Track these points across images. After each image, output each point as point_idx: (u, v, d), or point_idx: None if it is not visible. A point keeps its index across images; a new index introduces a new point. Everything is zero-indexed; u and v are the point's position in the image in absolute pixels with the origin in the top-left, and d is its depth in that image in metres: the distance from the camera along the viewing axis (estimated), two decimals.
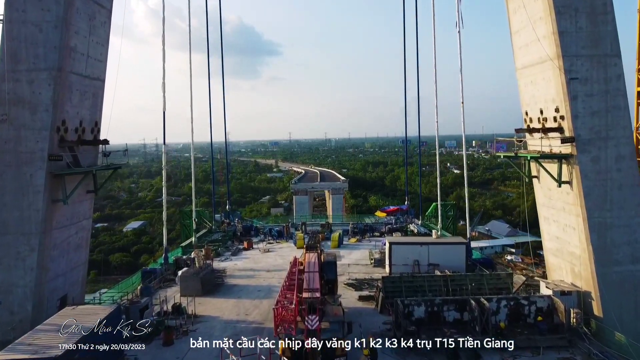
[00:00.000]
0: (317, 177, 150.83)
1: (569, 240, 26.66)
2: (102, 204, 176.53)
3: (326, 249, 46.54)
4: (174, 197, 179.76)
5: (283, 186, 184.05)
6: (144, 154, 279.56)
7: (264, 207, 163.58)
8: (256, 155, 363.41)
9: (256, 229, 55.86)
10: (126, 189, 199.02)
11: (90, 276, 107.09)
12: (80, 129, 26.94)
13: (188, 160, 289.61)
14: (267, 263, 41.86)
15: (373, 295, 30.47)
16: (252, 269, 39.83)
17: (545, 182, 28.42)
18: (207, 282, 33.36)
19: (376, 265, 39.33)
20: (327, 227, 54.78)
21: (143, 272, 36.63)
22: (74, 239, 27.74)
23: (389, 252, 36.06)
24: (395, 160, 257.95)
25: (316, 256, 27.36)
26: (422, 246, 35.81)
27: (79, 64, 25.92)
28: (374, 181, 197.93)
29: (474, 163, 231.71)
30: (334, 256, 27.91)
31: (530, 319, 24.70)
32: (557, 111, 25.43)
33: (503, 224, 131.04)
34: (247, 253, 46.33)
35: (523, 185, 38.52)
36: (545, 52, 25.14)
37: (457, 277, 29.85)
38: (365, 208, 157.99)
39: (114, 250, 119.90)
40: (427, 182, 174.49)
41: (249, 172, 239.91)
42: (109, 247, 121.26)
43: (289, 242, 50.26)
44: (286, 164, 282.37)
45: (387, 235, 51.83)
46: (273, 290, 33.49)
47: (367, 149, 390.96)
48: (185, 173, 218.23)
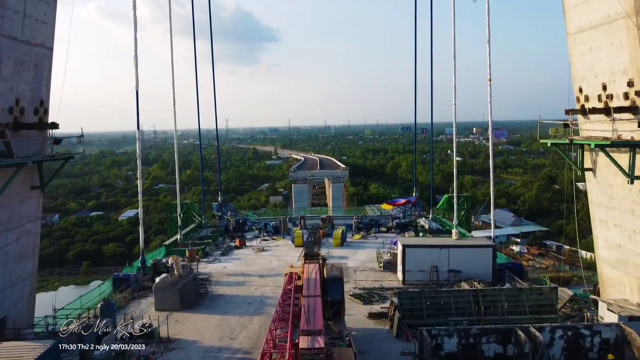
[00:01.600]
0: (316, 165, 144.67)
1: (637, 250, 20.74)
2: (97, 192, 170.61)
3: (328, 248, 40.74)
4: (170, 185, 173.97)
5: (282, 174, 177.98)
6: (142, 140, 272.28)
7: (262, 196, 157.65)
8: (255, 142, 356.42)
9: (251, 224, 49.91)
10: (123, 176, 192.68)
11: (83, 268, 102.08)
12: (17, 109, 20.70)
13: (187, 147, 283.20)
14: (260, 265, 35.98)
15: (386, 312, 24.59)
16: (242, 274, 33.93)
17: (605, 177, 22.35)
18: (187, 294, 27.46)
19: (386, 269, 33.43)
20: (328, 221, 48.84)
21: (114, 280, 30.70)
22: (15, 248, 21.74)
23: (402, 256, 30.18)
24: (396, 147, 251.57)
25: (317, 270, 21.34)
26: (442, 249, 29.93)
27: (10, 24, 19.63)
28: (375, 169, 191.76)
29: (475, 150, 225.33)
30: (339, 270, 21.85)
31: (594, 354, 18.88)
32: (631, 85, 19.28)
33: (508, 212, 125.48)
34: (238, 252, 40.43)
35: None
36: (617, 8, 18.90)
37: (489, 291, 23.98)
38: (366, 196, 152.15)
39: (108, 240, 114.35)
40: (428, 170, 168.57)
41: (248, 160, 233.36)
42: (102, 237, 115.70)
43: (286, 239, 44.38)
44: (285, 151, 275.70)
45: (394, 232, 45.97)
46: (266, 302, 27.65)
47: (366, 136, 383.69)
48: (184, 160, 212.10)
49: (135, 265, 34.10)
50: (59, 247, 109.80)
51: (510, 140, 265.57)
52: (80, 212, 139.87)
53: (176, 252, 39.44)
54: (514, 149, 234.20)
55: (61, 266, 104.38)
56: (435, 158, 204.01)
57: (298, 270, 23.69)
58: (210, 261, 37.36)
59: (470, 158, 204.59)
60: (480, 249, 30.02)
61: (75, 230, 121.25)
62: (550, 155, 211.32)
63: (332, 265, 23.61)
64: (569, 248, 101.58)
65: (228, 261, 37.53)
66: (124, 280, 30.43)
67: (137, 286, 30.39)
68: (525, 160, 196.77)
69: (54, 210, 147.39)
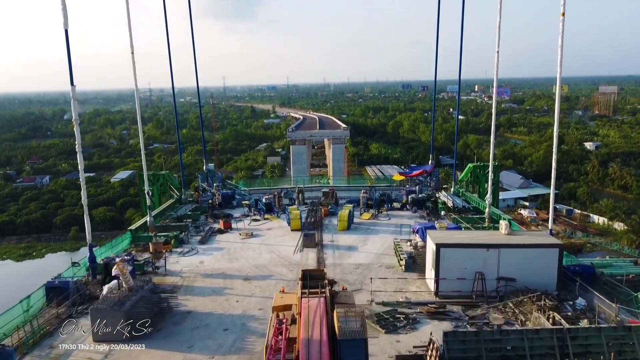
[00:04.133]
0: (315, 124, 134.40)
1: None
2: (90, 152, 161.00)
3: (331, 233, 32.17)
4: (165, 145, 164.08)
5: (280, 133, 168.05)
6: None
7: (259, 156, 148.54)
8: (253, 101, 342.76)
9: (240, 198, 41.17)
10: (117, 136, 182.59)
11: (71, 233, 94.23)
12: None
13: (183, 105, 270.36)
14: (246, 260, 27.45)
15: (422, 355, 16.19)
16: (223, 274, 25.44)
17: None
18: (138, 316, 18.96)
19: (409, 268, 24.99)
20: (330, 196, 40.11)
21: (47, 289, 22.17)
22: None
23: (434, 258, 21.61)
24: (397, 105, 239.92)
25: (322, 314, 12.51)
26: (490, 250, 21.30)
27: None
28: (375, 128, 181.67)
29: (477, 109, 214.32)
30: (359, 316, 12.60)
31: None
32: None
33: (515, 174, 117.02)
34: (222, 238, 31.87)
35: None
36: None
37: (582, 332, 15.50)
38: (367, 157, 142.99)
39: (98, 204, 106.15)
40: (432, 130, 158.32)
41: (245, 118, 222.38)
42: (93, 201, 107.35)
43: (280, 219, 35.82)
44: (284, 109, 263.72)
45: (410, 209, 37.38)
46: (249, 329, 19.27)
47: (366, 94, 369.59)
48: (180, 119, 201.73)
49: (83, 263, 25.51)
50: (48, 212, 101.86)
51: (514, 98, 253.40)
52: (71, 174, 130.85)
53: (144, 238, 31.01)
54: (517, 107, 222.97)
55: (49, 231, 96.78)
56: (438, 116, 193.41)
57: (291, 299, 15.08)
58: (185, 253, 28.85)
59: (472, 116, 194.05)
60: (542, 249, 21.38)
61: (65, 193, 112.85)
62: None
63: (345, 295, 14.89)
64: (580, 212, 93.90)
65: (207, 252, 29.00)
66: (61, 290, 21.98)
67: (79, 297, 21.99)
68: (530, 119, 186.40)
69: (45, 172, 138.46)
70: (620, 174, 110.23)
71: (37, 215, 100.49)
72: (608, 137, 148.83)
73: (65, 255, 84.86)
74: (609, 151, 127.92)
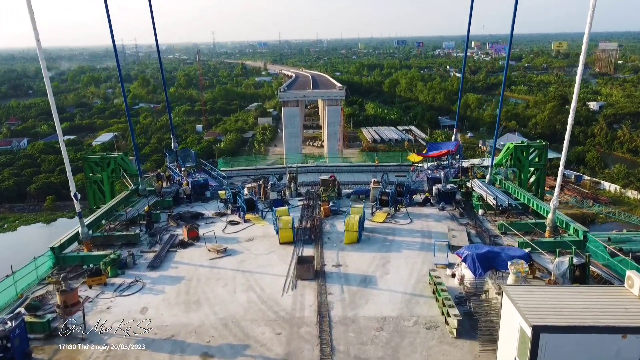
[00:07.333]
0: (309, 83, 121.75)
1: None
2: (71, 112, 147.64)
3: (334, 248, 22.15)
4: (152, 105, 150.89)
5: (272, 92, 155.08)
6: (123, 55, 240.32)
7: (250, 117, 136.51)
8: (244, 57, 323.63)
9: (214, 189, 30.90)
10: (101, 95, 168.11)
11: (47, 203, 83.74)
12: None
13: (171, 62, 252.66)
14: (211, 308, 17.40)
15: None
16: (172, 337, 15.53)
17: None
18: None
19: (462, 334, 15.27)
20: (332, 186, 29.85)
21: None
22: None
23: (524, 347, 11.88)
24: (392, 62, 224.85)
25: None
26: (627, 337, 11.54)
27: None
28: (370, 86, 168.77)
29: (475, 66, 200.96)
30: None
31: None
32: None
33: (519, 137, 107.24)
34: (183, 258, 21.82)
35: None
36: None
37: None
38: (362, 117, 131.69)
39: (78, 170, 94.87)
40: (429, 88, 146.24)
41: (236, 76, 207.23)
42: (71, 167, 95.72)
43: (265, 222, 25.82)
44: (275, 66, 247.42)
45: (434, 203, 27.51)
46: None
47: (360, 51, 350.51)
48: (168, 77, 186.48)
49: None
50: (22, 179, 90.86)
51: (511, 55, 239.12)
52: (50, 136, 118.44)
53: (72, 259, 21.02)
54: (515, 64, 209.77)
55: (23, 201, 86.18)
56: (435, 74, 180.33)
57: None
58: (124, 288, 18.87)
59: (470, 74, 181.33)
60: None
61: (43, 158, 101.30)
62: (555, 71, 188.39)
63: None
64: (589, 179, 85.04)
65: (156, 287, 19.01)
66: None
67: None
68: (530, 77, 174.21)
69: (23, 134, 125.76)
70: (630, 137, 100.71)
71: (10, 182, 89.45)
72: (611, 97, 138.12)
73: (42, 227, 75.11)
74: (615, 112, 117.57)
